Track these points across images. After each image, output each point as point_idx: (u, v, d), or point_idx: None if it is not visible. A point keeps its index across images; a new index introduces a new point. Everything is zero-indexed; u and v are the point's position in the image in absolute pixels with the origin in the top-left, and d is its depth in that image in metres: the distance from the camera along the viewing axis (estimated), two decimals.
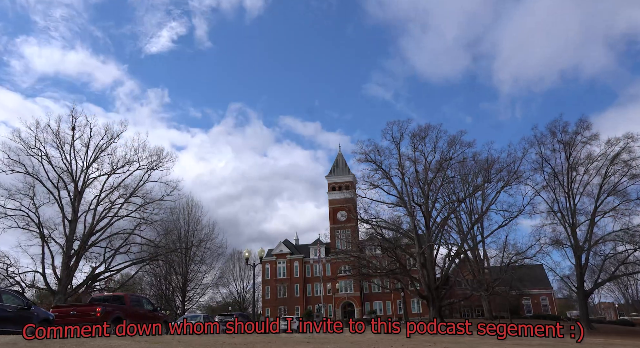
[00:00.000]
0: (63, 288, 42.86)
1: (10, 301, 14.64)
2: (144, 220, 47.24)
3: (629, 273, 55.30)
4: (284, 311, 78.90)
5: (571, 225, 50.11)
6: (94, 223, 45.65)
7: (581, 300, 51.50)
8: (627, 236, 47.52)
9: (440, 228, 51.60)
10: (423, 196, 51.07)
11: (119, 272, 51.78)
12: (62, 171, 45.07)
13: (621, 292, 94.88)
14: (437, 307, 48.48)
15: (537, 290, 78.65)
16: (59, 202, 44.71)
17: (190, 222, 68.80)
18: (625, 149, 48.44)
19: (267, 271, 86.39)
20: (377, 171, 51.82)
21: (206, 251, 65.42)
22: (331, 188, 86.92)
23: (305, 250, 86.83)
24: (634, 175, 48.07)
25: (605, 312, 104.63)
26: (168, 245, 55.68)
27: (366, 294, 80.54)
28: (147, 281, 71.31)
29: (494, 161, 50.88)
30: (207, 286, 74.42)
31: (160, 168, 47.82)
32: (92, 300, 22.46)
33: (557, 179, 51.11)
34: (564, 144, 50.87)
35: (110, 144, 47.20)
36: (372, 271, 55.47)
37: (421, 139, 51.79)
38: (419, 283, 51.04)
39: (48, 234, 43.70)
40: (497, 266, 54.78)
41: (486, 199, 54.43)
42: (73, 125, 45.75)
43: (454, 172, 53.18)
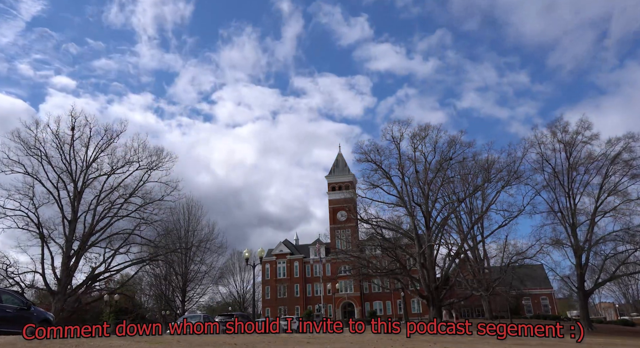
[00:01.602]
0: (63, 289, 42.84)
1: (10, 301, 14.63)
2: (143, 220, 47.26)
3: (630, 273, 55.26)
4: (284, 311, 78.87)
5: (571, 224, 50.06)
6: (93, 223, 45.61)
7: (581, 300, 51.46)
8: (627, 236, 47.51)
9: (440, 228, 51.53)
10: (423, 196, 51.01)
11: (119, 272, 51.89)
12: (61, 171, 45.08)
13: (622, 292, 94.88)
14: (437, 307, 48.44)
15: (537, 290, 78.68)
16: (58, 202, 44.68)
17: (190, 222, 68.84)
18: (626, 149, 48.45)
19: (267, 271, 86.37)
20: (377, 171, 51.75)
21: (206, 252, 65.48)
22: (331, 188, 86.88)
23: (305, 250, 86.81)
24: (634, 175, 48.08)
25: (605, 312, 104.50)
26: (168, 245, 55.73)
27: (366, 294, 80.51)
28: (147, 282, 71.36)
29: (494, 161, 50.80)
30: (207, 287, 74.54)
31: (160, 168, 47.90)
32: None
33: (558, 179, 51.08)
34: (564, 144, 50.84)
35: (110, 144, 47.27)
36: (372, 271, 55.37)
37: (421, 139, 51.74)
38: (419, 283, 50.96)
39: (48, 234, 43.70)
40: (497, 266, 54.71)
41: (486, 199, 54.33)
42: (72, 125, 45.79)
43: (454, 172, 53.05)
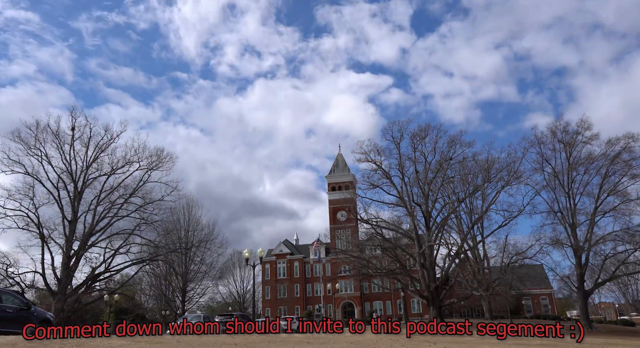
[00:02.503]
0: (63, 289, 42.83)
1: (10, 301, 14.64)
2: (143, 220, 47.27)
3: (629, 273, 55.29)
4: (284, 311, 78.87)
5: (571, 224, 50.08)
6: (93, 224, 45.61)
7: (581, 300, 51.48)
8: (627, 236, 47.55)
9: (440, 228, 51.51)
10: (423, 196, 51.01)
11: (119, 272, 51.91)
12: (61, 172, 45.11)
13: (621, 292, 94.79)
14: (437, 307, 48.44)
15: (537, 290, 78.70)
16: (58, 202, 44.67)
17: (190, 222, 68.85)
18: (626, 149, 48.51)
19: (267, 271, 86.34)
20: (377, 171, 51.76)
21: (206, 252, 65.52)
22: (331, 188, 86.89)
23: (305, 250, 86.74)
24: (634, 175, 48.11)
25: (605, 312, 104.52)
26: (168, 245, 55.73)
27: (366, 294, 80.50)
28: (147, 282, 71.36)
29: (494, 160, 50.78)
30: (207, 287, 74.54)
31: (160, 168, 47.91)
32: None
33: (557, 179, 51.11)
34: (564, 144, 50.89)
35: (110, 145, 47.29)
36: (372, 271, 55.37)
37: (421, 139, 51.76)
38: (419, 283, 50.96)
39: (48, 234, 43.68)
40: (497, 266, 54.70)
41: (486, 199, 54.28)
42: (73, 125, 45.82)
43: (454, 172, 53.05)
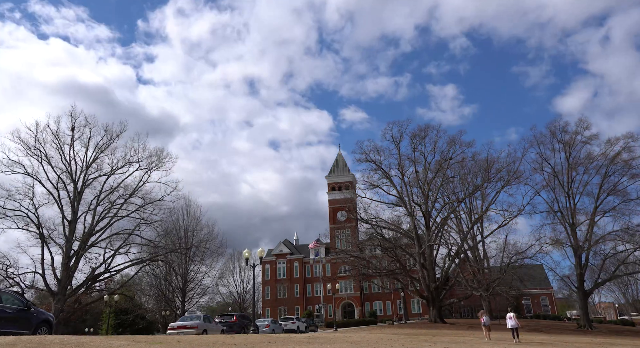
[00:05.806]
0: (62, 289, 42.76)
1: (10, 302, 14.58)
2: (143, 220, 47.21)
3: (629, 273, 55.27)
4: (284, 311, 78.85)
5: (571, 224, 50.11)
6: (93, 224, 45.56)
7: (581, 299, 51.51)
8: (627, 235, 47.60)
9: (440, 228, 51.54)
10: (423, 196, 51.03)
11: (119, 273, 51.78)
12: (61, 172, 45.05)
13: (621, 292, 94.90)
14: (437, 307, 48.45)
15: (537, 290, 78.73)
16: (58, 203, 44.62)
17: (189, 222, 68.76)
18: (626, 149, 48.64)
19: (267, 271, 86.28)
20: (377, 171, 51.86)
21: (206, 252, 65.39)
22: (331, 188, 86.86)
23: (305, 250, 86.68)
24: (634, 175, 48.20)
25: (605, 312, 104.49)
26: (168, 245, 55.63)
27: (366, 294, 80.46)
28: (147, 282, 71.25)
29: (493, 160, 50.92)
30: (207, 287, 74.37)
31: (160, 168, 47.84)
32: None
33: (557, 179, 51.16)
34: (563, 143, 50.97)
35: (110, 145, 47.21)
36: (372, 271, 55.38)
37: (421, 139, 51.87)
38: (419, 283, 50.97)
39: (47, 234, 43.61)
40: (497, 266, 54.72)
41: (486, 199, 54.37)
42: (72, 125, 45.76)
43: (454, 172, 53.13)
